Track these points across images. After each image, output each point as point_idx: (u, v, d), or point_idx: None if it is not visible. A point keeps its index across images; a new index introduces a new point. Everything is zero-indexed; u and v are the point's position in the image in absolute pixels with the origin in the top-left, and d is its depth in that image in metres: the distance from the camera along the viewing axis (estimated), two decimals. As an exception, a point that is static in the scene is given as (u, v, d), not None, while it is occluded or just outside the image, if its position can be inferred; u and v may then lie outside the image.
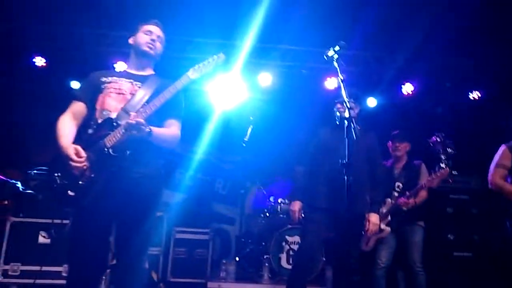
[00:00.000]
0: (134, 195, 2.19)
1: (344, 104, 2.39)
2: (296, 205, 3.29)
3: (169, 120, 2.39)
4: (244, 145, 4.97)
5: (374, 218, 3.18)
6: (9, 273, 4.32)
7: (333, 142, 3.13)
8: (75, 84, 5.54)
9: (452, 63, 5.93)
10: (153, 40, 2.45)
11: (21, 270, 4.33)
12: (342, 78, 2.44)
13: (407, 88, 5.90)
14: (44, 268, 4.24)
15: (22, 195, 4.75)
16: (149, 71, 2.51)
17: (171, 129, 2.37)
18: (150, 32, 2.47)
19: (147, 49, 2.43)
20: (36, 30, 5.46)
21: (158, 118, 2.30)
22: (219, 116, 6.40)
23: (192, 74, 2.30)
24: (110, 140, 2.16)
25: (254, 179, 5.38)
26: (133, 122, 2.09)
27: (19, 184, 4.79)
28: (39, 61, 5.49)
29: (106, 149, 2.14)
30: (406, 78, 5.93)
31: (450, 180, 4.84)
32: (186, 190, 6.49)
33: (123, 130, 2.13)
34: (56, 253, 4.21)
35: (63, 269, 4.26)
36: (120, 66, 5.38)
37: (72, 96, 2.39)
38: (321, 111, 3.69)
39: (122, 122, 2.16)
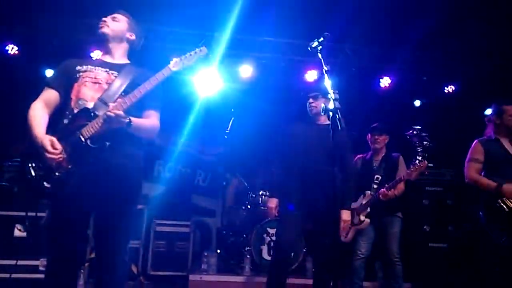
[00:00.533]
0: (113, 187, 2.14)
1: (329, 96, 2.36)
2: (273, 202, 3.38)
3: (148, 110, 2.34)
4: (226, 137, 4.94)
5: (345, 215, 3.27)
6: (-16, 267, 4.20)
7: (304, 137, 3.30)
8: (49, 73, 5.37)
9: (427, 57, 6.06)
10: (103, 20, 2.41)
11: (-5, 265, 4.21)
12: (327, 69, 2.44)
13: (385, 81, 5.99)
14: (20, 262, 4.15)
15: (-3, 187, 4.61)
16: (124, 60, 2.47)
17: (150, 120, 2.33)
18: (104, 18, 2.45)
19: (98, 31, 2.39)
20: (9, 17, 5.26)
21: (137, 108, 2.26)
22: (200, 107, 6.36)
23: (173, 66, 2.27)
24: (88, 131, 2.11)
25: (235, 171, 5.37)
26: (112, 114, 2.05)
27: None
28: (12, 48, 5.29)
29: (83, 140, 2.09)
30: (383, 71, 6.01)
31: (426, 172, 4.98)
32: (166, 182, 6.44)
33: (101, 121, 2.08)
34: (32, 246, 4.11)
35: (39, 263, 4.16)
36: (96, 54, 5.26)
37: (45, 83, 2.31)
38: (297, 105, 3.73)
39: (100, 113, 2.11)
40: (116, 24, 2.43)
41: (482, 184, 3.39)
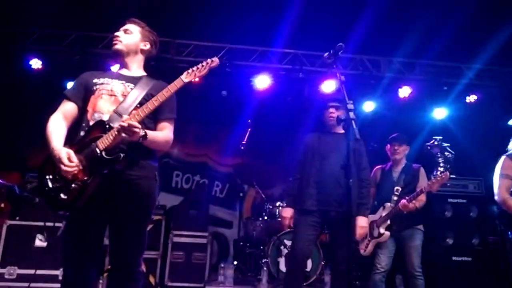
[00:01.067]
0: (128, 198, 2.16)
1: (346, 106, 2.36)
2: (288, 212, 3.35)
3: (162, 122, 2.34)
4: (242, 148, 4.94)
5: (362, 221, 3.21)
6: (6, 276, 4.28)
7: (322, 147, 3.31)
8: (70, 85, 5.51)
9: (448, 66, 5.96)
10: (115, 36, 2.41)
11: (17, 274, 4.29)
12: (342, 80, 2.42)
13: (404, 92, 5.91)
14: (41, 272, 4.21)
15: (18, 198, 4.71)
16: (140, 72, 2.47)
17: (164, 132, 2.33)
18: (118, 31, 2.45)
19: (112, 47, 2.41)
20: (32, 33, 5.46)
21: (150, 120, 2.28)
22: (217, 119, 6.41)
23: (186, 77, 2.25)
24: (103, 142, 2.11)
25: (252, 182, 5.36)
26: (125, 124, 2.04)
27: (15, 187, 4.76)
28: (35, 63, 5.46)
29: (98, 152, 2.10)
30: (403, 81, 5.93)
31: (448, 184, 4.85)
32: (184, 193, 6.48)
33: (116, 133, 2.09)
34: (52, 256, 4.19)
35: (59, 272, 4.22)
36: (115, 68, 5.38)
37: (63, 95, 2.34)
38: (315, 115, 3.76)
39: (115, 125, 2.11)
40: (129, 38, 2.43)
41: (508, 206, 3.24)
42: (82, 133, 2.20)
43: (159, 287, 4.85)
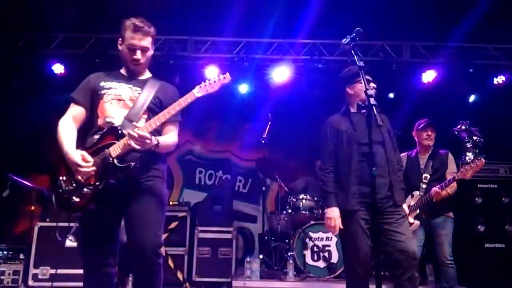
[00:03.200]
0: (139, 202, 2.22)
1: (366, 91, 2.27)
2: (334, 212, 2.73)
3: (168, 125, 2.39)
4: (263, 141, 4.92)
5: (404, 209, 2.90)
6: (39, 276, 4.44)
7: (358, 132, 2.76)
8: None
9: (474, 48, 5.75)
10: (136, 59, 2.36)
11: (50, 274, 4.43)
12: (361, 65, 2.35)
13: (428, 76, 5.73)
14: (73, 271, 4.33)
15: (48, 200, 4.85)
16: (146, 75, 2.51)
17: (171, 136, 2.39)
18: (133, 48, 2.35)
19: (132, 67, 2.41)
20: (54, 37, 5.58)
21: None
22: (238, 113, 6.40)
23: (198, 91, 2.29)
24: (115, 150, 2.17)
25: (275, 176, 5.33)
26: (135, 134, 2.10)
27: (45, 190, 4.90)
28: (58, 68, 5.58)
29: (111, 159, 2.16)
30: (426, 65, 5.75)
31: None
32: (207, 189, 6.52)
33: (128, 141, 2.14)
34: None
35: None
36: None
37: (71, 99, 2.39)
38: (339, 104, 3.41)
39: (126, 132, 2.16)
40: (147, 55, 2.41)
41: None
42: (95, 137, 2.26)
43: (187, 283, 4.91)
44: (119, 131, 2.20)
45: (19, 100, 5.77)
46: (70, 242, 4.54)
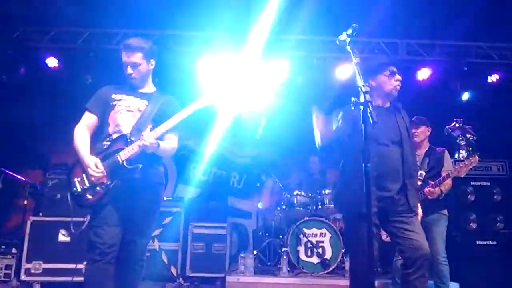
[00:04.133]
0: (143, 199, 2.59)
1: (359, 89, 2.15)
2: None
3: (169, 133, 2.68)
4: (257, 138, 4.91)
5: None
6: (32, 271, 4.41)
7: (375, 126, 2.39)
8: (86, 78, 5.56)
9: (468, 46, 5.78)
10: (128, 73, 2.68)
11: (43, 268, 4.41)
12: (356, 62, 2.29)
13: (423, 74, 5.75)
14: (65, 266, 4.31)
15: (41, 194, 4.83)
16: (151, 88, 2.84)
17: (171, 142, 2.72)
18: (125, 64, 2.68)
19: (130, 81, 2.73)
20: (48, 31, 5.53)
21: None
22: (232, 109, 6.38)
23: (196, 104, 2.63)
24: (125, 154, 2.51)
25: (269, 172, 5.33)
26: (147, 143, 2.47)
27: (37, 184, 4.87)
28: (52, 62, 5.53)
29: (121, 162, 2.50)
30: (421, 63, 5.77)
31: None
32: (202, 185, 6.51)
33: (136, 147, 2.49)
34: (75, 250, 4.28)
35: (83, 266, 4.30)
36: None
37: (85, 108, 2.72)
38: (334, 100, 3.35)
39: (134, 139, 2.52)
40: (139, 69, 2.70)
41: None
42: (105, 143, 2.60)
43: (180, 278, 4.91)
44: (128, 139, 2.55)
45: (12, 93, 5.71)
46: (63, 237, 4.52)
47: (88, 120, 2.70)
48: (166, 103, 2.74)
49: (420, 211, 2.78)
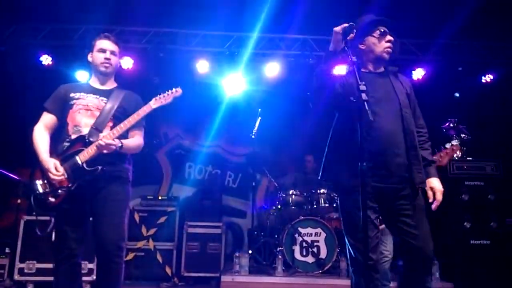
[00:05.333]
0: (107, 199, 2.53)
1: (359, 87, 2.01)
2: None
3: (133, 131, 2.70)
4: (253, 137, 4.90)
5: (436, 182, 2.36)
6: (25, 271, 4.38)
7: (370, 93, 2.09)
8: (80, 75, 5.51)
9: (462, 46, 5.80)
10: (107, 58, 2.68)
11: (36, 268, 4.38)
12: (354, 61, 2.21)
13: (418, 74, 5.78)
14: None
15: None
16: (112, 84, 2.79)
17: (136, 139, 2.70)
18: (103, 50, 2.69)
19: (103, 69, 2.70)
20: (42, 28, 5.48)
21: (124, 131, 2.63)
22: (228, 108, 6.37)
23: (154, 103, 2.65)
24: (84, 156, 2.49)
25: (265, 171, 5.33)
26: (103, 143, 2.45)
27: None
28: (46, 59, 5.48)
29: (80, 164, 2.49)
30: (416, 63, 5.79)
31: (464, 166, 4.74)
32: (197, 184, 6.50)
33: (95, 148, 2.47)
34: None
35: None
36: (125, 62, 5.42)
37: (43, 108, 2.67)
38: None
39: (93, 139, 2.50)
40: (116, 60, 2.74)
41: None
42: (65, 144, 2.55)
43: (175, 278, 4.90)
44: (87, 140, 2.52)
45: (5, 91, 5.65)
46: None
47: (47, 120, 2.65)
48: (126, 99, 2.71)
49: (438, 185, 2.36)
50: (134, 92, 2.83)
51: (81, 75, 5.49)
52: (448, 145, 3.34)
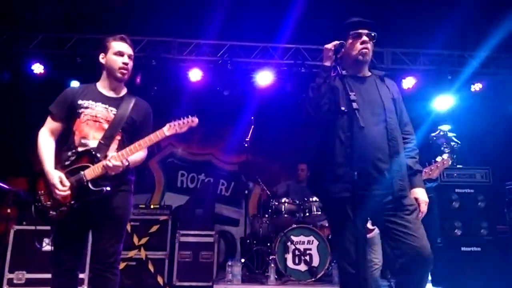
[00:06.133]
0: (110, 215, 2.41)
1: (349, 97, 2.01)
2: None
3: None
4: (246, 145, 4.92)
5: (421, 193, 2.32)
6: (14, 281, 4.31)
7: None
8: (72, 84, 5.49)
9: (453, 55, 5.91)
10: (125, 63, 2.50)
11: (26, 278, 4.32)
12: (344, 74, 2.21)
13: (408, 83, 5.85)
14: (49, 276, 4.21)
15: (25, 203, 4.73)
16: (122, 91, 2.61)
17: (141, 153, 2.53)
18: (121, 53, 2.50)
19: (120, 75, 2.51)
20: (34, 37, 5.48)
21: (130, 142, 2.49)
22: (221, 117, 6.39)
23: (167, 130, 2.48)
24: (90, 174, 2.36)
25: (257, 179, 5.34)
26: (111, 165, 2.31)
27: (21, 192, 4.78)
28: (38, 68, 5.47)
29: (85, 182, 2.35)
30: (406, 72, 5.87)
31: (454, 174, 4.79)
32: (189, 192, 6.48)
33: (101, 168, 2.34)
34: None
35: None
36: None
37: (49, 112, 2.50)
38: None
39: (101, 155, 2.36)
40: (131, 65, 2.55)
41: None
42: (70, 155, 2.41)
43: (167, 287, 4.86)
44: (94, 157, 2.38)
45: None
46: (47, 246, 4.42)
47: (52, 125, 2.49)
48: (135, 109, 2.54)
49: (423, 196, 2.32)
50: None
51: (73, 85, 5.47)
52: (439, 159, 3.38)
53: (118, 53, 2.48)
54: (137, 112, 2.54)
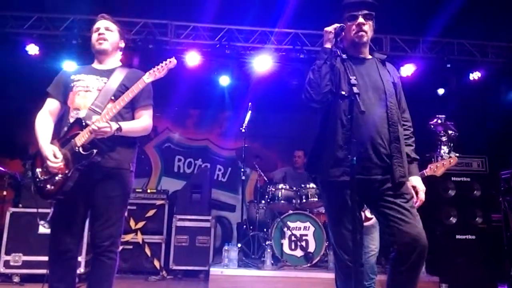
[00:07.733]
0: (105, 188, 2.40)
1: (350, 81, 2.00)
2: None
3: (139, 111, 2.56)
4: (243, 131, 4.89)
5: (418, 181, 2.33)
6: (11, 263, 4.32)
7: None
8: (67, 65, 5.40)
9: (451, 44, 5.86)
10: (100, 34, 2.56)
11: (22, 261, 4.33)
12: (345, 58, 2.13)
13: (407, 70, 5.82)
14: (45, 258, 4.21)
15: (20, 185, 4.71)
16: (114, 64, 2.63)
17: (141, 120, 2.53)
18: (97, 28, 2.59)
19: (98, 46, 2.57)
20: (29, 17, 5.37)
21: (128, 110, 2.50)
22: (218, 102, 6.35)
23: (147, 77, 2.44)
24: (79, 139, 2.36)
25: (254, 165, 5.33)
26: (95, 127, 2.28)
27: (17, 175, 4.76)
28: (32, 49, 5.37)
29: (76, 148, 2.36)
30: (405, 59, 5.83)
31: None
32: (186, 177, 6.48)
33: (88, 132, 2.32)
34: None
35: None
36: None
37: (47, 93, 2.55)
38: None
39: (88, 128, 2.33)
40: (112, 36, 2.60)
41: None
42: (65, 129, 2.45)
43: (164, 271, 4.90)
44: (83, 122, 2.37)
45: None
46: (43, 229, 4.43)
47: (51, 106, 2.53)
48: (129, 77, 2.52)
49: (420, 185, 2.32)
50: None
51: (68, 65, 5.39)
52: (446, 156, 3.32)
53: (96, 29, 2.59)
54: (131, 79, 2.49)
